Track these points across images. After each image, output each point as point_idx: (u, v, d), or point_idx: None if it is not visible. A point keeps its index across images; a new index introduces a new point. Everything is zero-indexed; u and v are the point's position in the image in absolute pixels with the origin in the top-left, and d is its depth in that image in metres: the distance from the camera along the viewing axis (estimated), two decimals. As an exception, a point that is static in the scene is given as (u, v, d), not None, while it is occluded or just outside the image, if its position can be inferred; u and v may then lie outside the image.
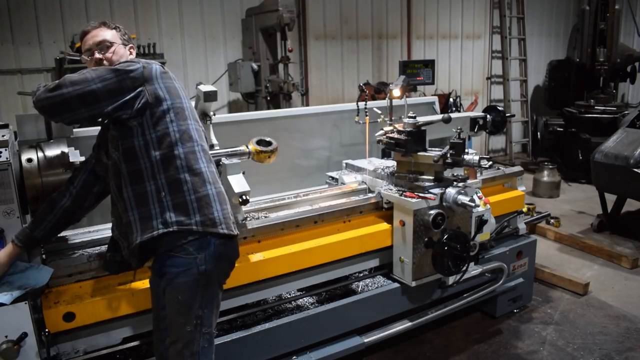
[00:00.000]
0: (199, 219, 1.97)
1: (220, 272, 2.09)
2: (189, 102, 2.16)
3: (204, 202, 2.00)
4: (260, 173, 3.18)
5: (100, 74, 1.92)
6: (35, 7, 5.60)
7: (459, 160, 2.84)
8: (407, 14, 8.10)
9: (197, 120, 2.18)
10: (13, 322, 2.01)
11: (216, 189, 2.07)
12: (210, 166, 2.12)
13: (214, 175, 2.11)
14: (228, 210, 2.10)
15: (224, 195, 2.12)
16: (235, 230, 2.10)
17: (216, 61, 6.72)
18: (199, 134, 2.12)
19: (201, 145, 2.10)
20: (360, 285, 3.14)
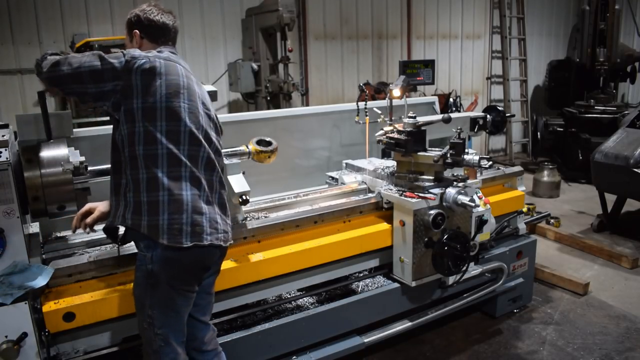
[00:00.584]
0: (146, 222, 1.99)
1: (171, 277, 2.05)
2: (183, 102, 2.06)
3: (152, 207, 1.98)
4: (260, 173, 3.18)
5: (90, 59, 1.98)
6: (35, 7, 5.60)
7: (459, 160, 2.84)
8: (407, 14, 8.10)
9: (180, 121, 2.04)
10: (13, 322, 2.01)
11: (170, 196, 1.98)
12: (175, 171, 2.01)
13: (175, 182, 2.00)
14: (183, 219, 1.99)
15: (184, 204, 2.00)
16: (186, 242, 1.99)
17: (216, 61, 6.72)
18: (172, 136, 2.01)
19: (168, 148, 2.00)
20: (360, 285, 3.14)
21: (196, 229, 2.02)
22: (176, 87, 2.05)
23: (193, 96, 2.12)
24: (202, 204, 2.06)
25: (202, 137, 2.11)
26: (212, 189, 2.14)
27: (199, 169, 2.08)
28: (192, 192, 2.04)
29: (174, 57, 2.16)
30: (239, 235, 2.64)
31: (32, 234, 2.41)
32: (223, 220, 2.17)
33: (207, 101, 2.23)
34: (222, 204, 2.19)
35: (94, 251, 2.50)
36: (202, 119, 2.14)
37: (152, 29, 2.23)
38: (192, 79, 2.16)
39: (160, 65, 2.04)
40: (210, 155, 2.13)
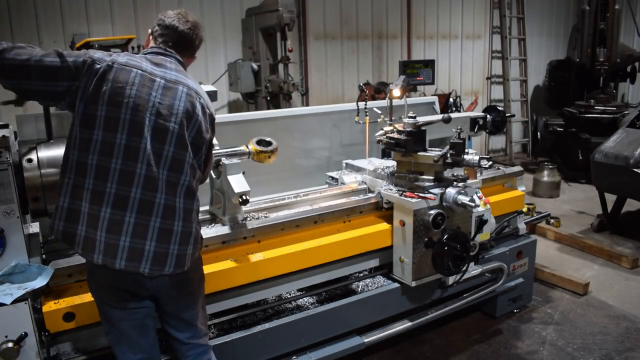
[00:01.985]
0: (61, 228, 1.91)
1: (95, 288, 2.03)
2: (124, 113, 1.89)
3: (73, 215, 1.89)
4: (260, 173, 3.19)
5: (45, 54, 1.87)
6: (35, 7, 5.60)
7: (459, 160, 2.84)
8: (407, 14, 8.10)
9: (116, 133, 1.88)
10: (13, 322, 2.01)
11: (90, 210, 1.87)
12: (101, 185, 1.87)
13: (98, 197, 1.87)
14: (97, 235, 1.87)
15: (99, 221, 1.87)
16: (97, 259, 1.87)
17: (216, 61, 6.72)
18: (106, 147, 1.87)
19: (99, 160, 1.87)
20: (360, 285, 3.14)
21: (109, 250, 1.88)
22: (119, 96, 1.89)
23: (140, 107, 1.91)
24: (123, 227, 1.89)
25: (143, 152, 1.90)
26: (149, 212, 1.92)
27: (131, 187, 1.89)
28: (111, 211, 1.88)
29: (135, 61, 1.97)
30: (239, 235, 2.65)
31: (32, 234, 2.41)
32: (154, 247, 1.93)
33: (169, 112, 1.96)
34: (164, 228, 1.94)
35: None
36: (149, 132, 1.91)
37: (156, 30, 2.14)
38: (151, 87, 1.95)
39: (111, 70, 1.90)
40: (152, 174, 1.91)
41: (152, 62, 2.01)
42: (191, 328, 2.17)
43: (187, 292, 2.12)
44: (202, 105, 2.08)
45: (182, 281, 2.07)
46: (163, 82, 1.98)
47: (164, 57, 2.07)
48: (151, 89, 1.94)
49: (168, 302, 2.10)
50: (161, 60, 2.05)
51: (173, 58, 2.09)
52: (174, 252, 1.97)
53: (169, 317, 2.14)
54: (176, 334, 2.16)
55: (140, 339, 2.06)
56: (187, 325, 2.16)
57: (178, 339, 2.16)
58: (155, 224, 1.92)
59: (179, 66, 2.10)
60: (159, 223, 1.93)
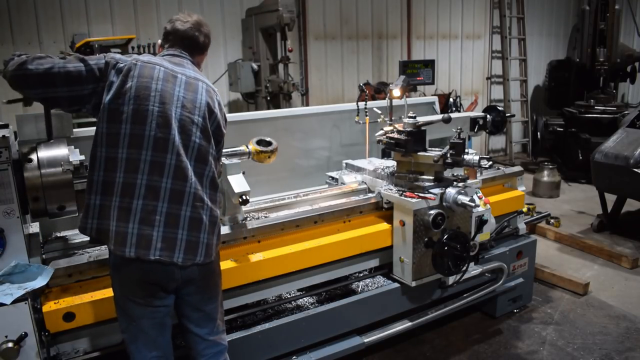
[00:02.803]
0: (95, 225, 1.95)
1: (121, 284, 2.03)
2: (152, 105, 1.95)
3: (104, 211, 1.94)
4: (260, 173, 3.19)
5: (67, 61, 1.93)
6: (35, 7, 5.60)
7: (459, 160, 2.84)
8: (407, 14, 8.10)
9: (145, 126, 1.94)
10: (13, 322, 2.01)
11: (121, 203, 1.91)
12: (131, 177, 1.91)
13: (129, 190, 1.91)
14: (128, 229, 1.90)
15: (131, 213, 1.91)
16: (129, 253, 1.90)
17: (216, 61, 6.72)
18: (135, 140, 1.93)
19: (129, 152, 1.92)
20: (360, 285, 3.14)
21: (142, 242, 1.91)
22: (145, 90, 1.96)
23: (167, 100, 1.98)
24: (156, 217, 1.93)
25: (172, 143, 1.96)
26: (179, 201, 1.97)
27: (162, 177, 1.94)
28: (143, 202, 1.92)
29: (156, 60, 2.07)
30: (239, 235, 2.65)
31: (32, 234, 2.41)
32: (186, 236, 1.99)
33: (193, 106, 2.05)
34: (194, 217, 2.00)
35: (94, 251, 2.50)
36: (176, 124, 1.98)
37: (167, 36, 2.23)
38: (174, 82, 2.03)
39: (135, 67, 1.99)
40: (182, 164, 1.97)
41: (171, 62, 2.11)
42: (211, 322, 2.19)
43: (211, 284, 2.16)
44: (219, 102, 2.20)
45: (208, 272, 2.13)
46: (184, 78, 2.08)
47: (181, 59, 2.16)
48: (174, 84, 2.03)
49: (192, 293, 2.11)
50: (179, 61, 2.14)
51: (188, 60, 2.18)
52: (204, 241, 2.02)
53: (191, 309, 2.14)
54: (196, 329, 2.16)
55: (158, 338, 2.08)
56: (207, 319, 2.18)
57: (198, 334, 2.17)
58: (186, 213, 1.97)
59: (195, 67, 2.20)
60: (190, 212, 1.98)
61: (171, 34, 2.20)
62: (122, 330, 2.08)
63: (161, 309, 2.05)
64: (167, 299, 2.06)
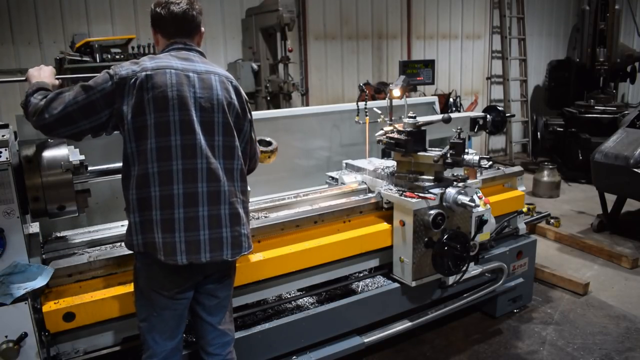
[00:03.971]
0: (141, 241, 1.98)
1: (149, 277, 2.08)
2: (172, 115, 1.94)
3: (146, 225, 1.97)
4: (260, 173, 3.17)
5: (74, 95, 1.94)
6: (35, 7, 5.60)
7: (459, 160, 2.84)
8: (407, 14, 8.10)
9: (169, 137, 1.94)
10: (13, 322, 2.01)
11: (162, 216, 1.94)
12: (167, 189, 1.94)
13: (166, 201, 1.94)
14: (175, 237, 1.95)
15: (175, 223, 1.95)
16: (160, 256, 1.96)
17: (216, 61, 6.66)
18: (163, 153, 1.94)
19: (159, 165, 1.94)
20: (360, 285, 3.14)
21: (192, 248, 1.98)
22: (163, 101, 1.94)
23: (185, 105, 1.97)
24: (199, 222, 1.99)
25: (200, 147, 1.98)
26: (217, 202, 2.03)
27: (197, 183, 1.98)
28: (184, 210, 1.96)
29: (164, 61, 2.00)
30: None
31: (32, 234, 2.40)
32: (230, 233, 2.06)
33: (211, 105, 2.03)
34: (233, 213, 2.08)
35: (94, 251, 2.50)
36: (199, 127, 2.00)
37: (161, 22, 2.10)
38: (188, 84, 2.00)
39: (147, 78, 1.94)
40: (212, 165, 2.01)
41: (178, 58, 2.05)
42: (223, 311, 2.24)
43: (231, 272, 2.24)
44: (235, 87, 2.15)
45: (231, 263, 2.19)
46: (196, 76, 2.03)
47: (187, 52, 2.10)
48: (189, 85, 2.00)
49: (213, 281, 2.17)
50: (185, 55, 2.08)
51: (193, 50, 2.12)
52: (246, 233, 2.12)
53: (206, 296, 2.19)
54: (208, 318, 2.21)
55: (175, 329, 2.14)
56: (220, 307, 2.23)
57: (210, 322, 2.22)
58: (225, 211, 2.04)
59: (202, 56, 2.14)
60: (228, 209, 2.05)
61: (167, 20, 2.09)
62: (141, 319, 2.12)
63: (184, 302, 2.12)
64: (190, 292, 2.13)
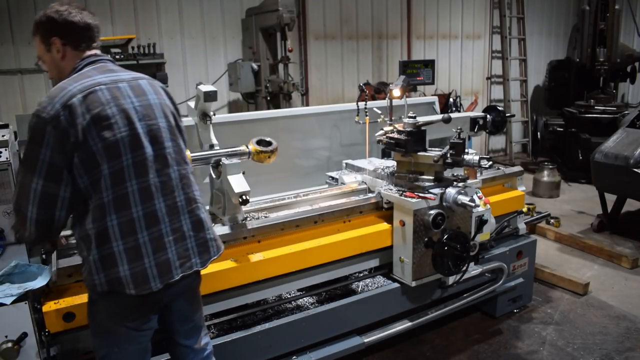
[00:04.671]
0: (103, 279, 1.80)
1: (110, 309, 1.91)
2: (119, 133, 1.78)
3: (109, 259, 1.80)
4: (260, 173, 3.18)
5: (22, 178, 1.75)
6: (35, 7, 5.59)
7: (459, 160, 2.84)
8: (407, 14, 8.10)
9: (120, 158, 1.79)
10: (13, 322, 2.01)
11: (126, 245, 1.79)
12: (126, 215, 1.80)
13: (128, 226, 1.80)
14: (145, 264, 1.82)
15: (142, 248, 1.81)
16: (129, 290, 1.80)
17: (216, 61, 6.72)
18: (117, 177, 1.78)
19: (113, 192, 1.78)
20: (360, 285, 3.14)
21: (163, 269, 1.85)
22: (104, 121, 1.76)
23: (128, 118, 1.81)
24: (165, 240, 1.86)
25: (149, 161, 1.85)
26: (177, 213, 1.91)
27: (154, 200, 1.85)
28: (148, 232, 1.83)
29: (89, 80, 1.80)
30: (239, 235, 2.64)
31: (32, 234, 2.40)
32: (195, 241, 1.96)
33: (151, 111, 1.88)
34: (195, 221, 1.97)
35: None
36: (146, 139, 1.85)
37: (74, 33, 1.88)
38: (121, 95, 1.82)
39: (78, 103, 1.74)
40: (164, 177, 1.88)
41: (100, 72, 1.86)
42: (198, 331, 2.18)
43: (198, 291, 2.15)
44: (162, 87, 2.05)
45: (198, 280, 2.09)
46: (126, 84, 1.87)
47: (104, 63, 1.92)
48: (124, 97, 1.83)
49: (184, 305, 2.07)
50: (104, 66, 1.90)
51: (107, 61, 1.94)
52: (211, 237, 2.04)
53: (181, 323, 2.10)
54: (185, 342, 2.14)
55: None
56: (195, 329, 2.16)
57: (187, 345, 2.14)
58: (186, 221, 1.95)
59: (117, 65, 1.96)
60: (189, 218, 1.96)
61: (95, 32, 1.93)
62: (100, 357, 1.96)
63: (147, 333, 1.98)
64: (153, 321, 1.99)
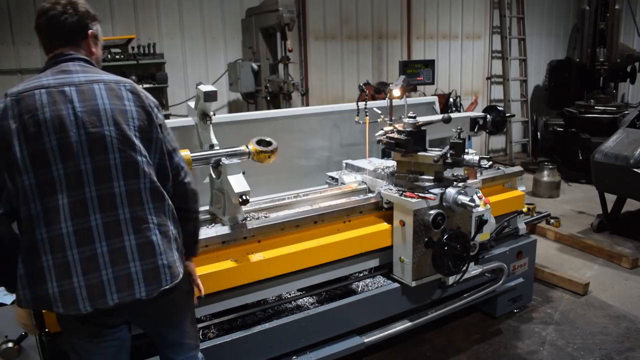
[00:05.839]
0: (29, 296, 1.69)
1: (63, 322, 1.85)
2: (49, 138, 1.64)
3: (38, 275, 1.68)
4: (260, 173, 3.18)
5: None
6: (35, 7, 5.59)
7: (459, 160, 2.84)
8: (407, 14, 8.10)
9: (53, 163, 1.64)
10: (13, 322, 2.00)
11: (55, 260, 1.65)
12: (55, 229, 1.65)
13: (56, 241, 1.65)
14: (73, 283, 1.66)
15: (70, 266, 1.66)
16: (86, 309, 1.68)
17: (216, 61, 6.72)
18: (45, 187, 1.65)
19: (43, 203, 1.65)
20: (360, 285, 3.14)
21: (94, 291, 1.68)
22: (35, 126, 1.63)
23: (62, 126, 1.65)
24: (99, 260, 1.68)
25: (85, 173, 1.67)
26: (118, 233, 1.71)
27: (88, 216, 1.67)
28: (78, 250, 1.67)
29: (34, 82, 1.70)
30: (239, 235, 2.65)
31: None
32: (141, 266, 1.73)
33: (97, 117, 1.70)
34: (143, 243, 1.74)
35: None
36: (83, 149, 1.67)
37: (40, 34, 1.81)
38: (64, 99, 1.68)
39: (11, 105, 1.65)
40: (105, 191, 1.69)
41: (53, 73, 1.74)
42: (179, 347, 2.04)
43: (171, 312, 1.96)
44: (132, 91, 1.80)
45: (167, 300, 1.86)
46: (74, 89, 1.71)
47: (65, 63, 1.78)
48: (64, 102, 1.68)
49: (152, 325, 1.98)
50: (63, 67, 1.76)
51: (76, 59, 1.80)
52: (164, 263, 1.77)
53: (156, 336, 2.04)
54: (167, 352, 2.06)
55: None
56: (173, 345, 2.04)
57: (168, 356, 2.07)
58: (131, 242, 1.72)
59: (86, 66, 1.81)
60: (135, 239, 1.73)
61: (44, 30, 1.79)
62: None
63: (113, 343, 1.86)
64: (118, 333, 1.87)
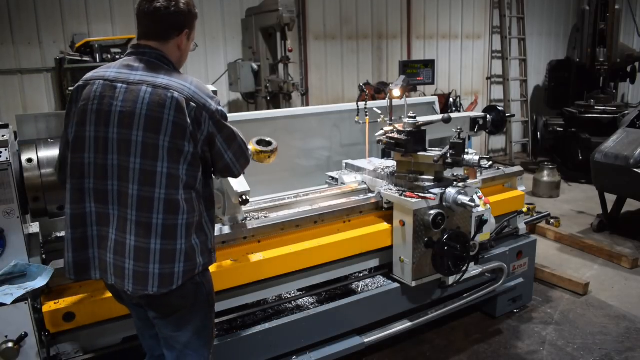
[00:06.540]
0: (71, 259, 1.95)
1: None
2: (89, 131, 1.83)
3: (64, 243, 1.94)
4: (260, 173, 3.18)
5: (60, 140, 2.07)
6: (35, 7, 5.60)
7: (459, 160, 2.84)
8: (407, 14, 8.10)
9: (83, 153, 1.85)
10: (13, 322, 2.01)
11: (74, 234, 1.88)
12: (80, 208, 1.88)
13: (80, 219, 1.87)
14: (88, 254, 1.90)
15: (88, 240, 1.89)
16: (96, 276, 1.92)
17: (216, 61, 6.72)
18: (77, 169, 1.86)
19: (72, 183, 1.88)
20: (360, 285, 3.14)
21: (102, 266, 1.89)
22: (83, 114, 1.84)
23: (102, 120, 1.81)
24: (108, 244, 1.85)
25: (111, 168, 1.82)
26: (124, 229, 1.82)
27: (108, 204, 1.84)
28: (97, 229, 1.87)
29: (101, 71, 1.88)
30: (239, 235, 2.65)
31: (32, 234, 2.41)
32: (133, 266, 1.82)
33: (130, 121, 1.79)
34: (139, 247, 1.81)
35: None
36: (114, 146, 1.80)
37: (138, 22, 1.94)
38: (112, 96, 1.80)
39: (77, 90, 1.90)
40: (122, 189, 1.81)
41: (119, 67, 1.87)
42: (175, 349, 2.02)
43: (174, 317, 1.97)
44: (178, 100, 1.79)
45: (166, 306, 1.93)
46: (125, 86, 1.81)
47: (135, 57, 1.88)
48: (113, 98, 1.80)
49: (156, 315, 1.99)
50: (130, 61, 1.87)
51: (144, 55, 1.87)
52: (155, 272, 1.81)
53: (158, 328, 2.04)
54: (166, 352, 2.07)
55: (141, 336, 2.21)
56: (168, 346, 2.03)
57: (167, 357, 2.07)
58: (130, 242, 1.81)
59: (151, 62, 1.86)
60: (134, 241, 1.81)
61: (139, 19, 1.91)
62: None
63: (139, 311, 2.09)
64: (141, 310, 2.05)
